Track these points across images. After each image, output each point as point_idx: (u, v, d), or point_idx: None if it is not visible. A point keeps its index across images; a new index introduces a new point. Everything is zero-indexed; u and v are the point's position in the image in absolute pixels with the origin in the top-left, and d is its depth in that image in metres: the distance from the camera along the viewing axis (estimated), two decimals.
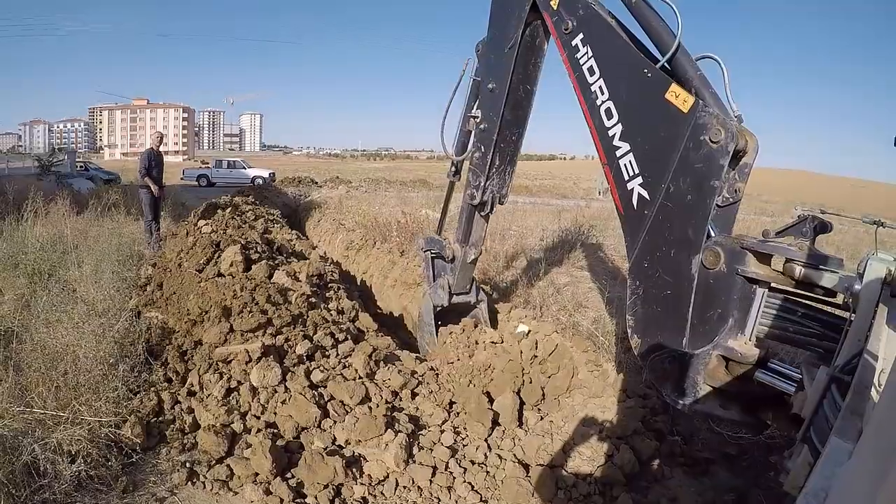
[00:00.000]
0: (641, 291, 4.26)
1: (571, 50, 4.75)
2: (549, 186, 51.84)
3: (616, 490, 4.61)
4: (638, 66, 4.28)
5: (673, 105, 3.98)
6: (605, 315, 7.69)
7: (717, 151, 3.78)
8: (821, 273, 3.57)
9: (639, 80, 4.26)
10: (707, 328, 3.95)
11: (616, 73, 4.45)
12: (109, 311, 6.62)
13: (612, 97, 4.44)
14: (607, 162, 4.46)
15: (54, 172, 32.08)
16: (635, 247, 4.27)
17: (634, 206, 4.26)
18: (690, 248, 3.94)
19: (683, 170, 3.94)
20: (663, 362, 4.10)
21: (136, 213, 14.22)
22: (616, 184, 4.40)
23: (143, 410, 5.17)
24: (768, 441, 5.15)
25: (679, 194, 3.98)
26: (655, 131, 4.15)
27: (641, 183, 4.22)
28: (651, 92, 4.15)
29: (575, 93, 4.73)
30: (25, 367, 5.10)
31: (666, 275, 4.09)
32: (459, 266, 7.29)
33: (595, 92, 4.54)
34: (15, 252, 9.24)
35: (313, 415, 5.20)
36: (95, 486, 4.28)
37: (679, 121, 3.95)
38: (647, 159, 4.20)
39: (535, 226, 14.81)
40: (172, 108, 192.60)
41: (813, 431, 2.61)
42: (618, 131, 4.39)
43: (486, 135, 6.26)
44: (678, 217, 4.00)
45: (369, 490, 4.63)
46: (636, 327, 4.31)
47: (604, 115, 4.48)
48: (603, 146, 4.49)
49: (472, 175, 6.56)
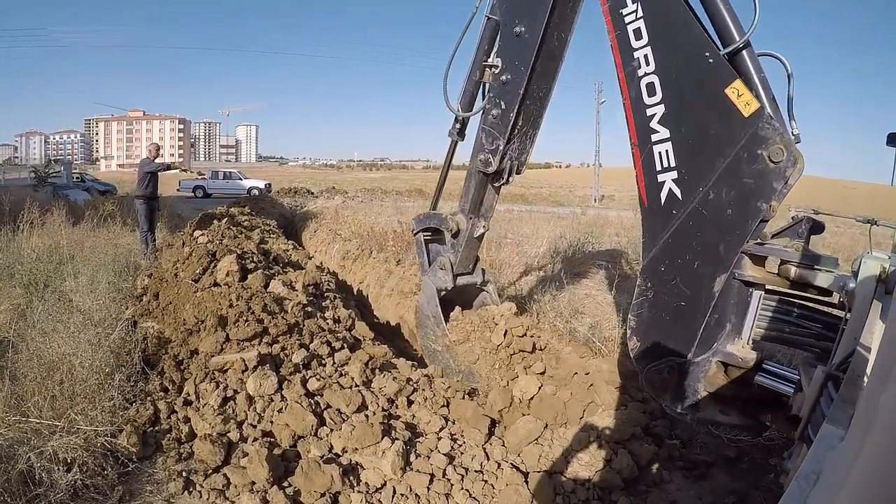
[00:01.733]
0: (651, 295, 4.06)
1: (617, 2, 4.10)
2: (544, 194, 51.98)
3: (615, 495, 4.60)
4: (699, 45, 3.75)
5: (733, 104, 3.60)
6: (602, 321, 7.69)
7: (774, 172, 3.50)
8: (816, 273, 3.59)
9: (697, 63, 3.75)
10: (706, 335, 3.91)
11: (670, 45, 3.87)
12: (105, 320, 6.60)
13: (658, 72, 3.89)
14: (638, 143, 4.03)
15: (50, 183, 32.20)
16: (654, 246, 4.02)
17: (662, 201, 3.94)
18: (718, 265, 3.74)
19: (730, 179, 3.64)
20: (661, 372, 4.03)
21: (132, 224, 14.20)
22: (644, 171, 4.02)
23: (140, 420, 5.15)
24: (767, 443, 5.15)
25: (719, 204, 3.69)
26: (705, 127, 3.75)
27: (676, 179, 3.86)
28: (709, 81, 3.71)
29: (612, 52, 4.13)
30: (21, 377, 5.08)
31: (684, 285, 3.88)
32: (465, 241, 6.39)
33: (638, 60, 3.98)
34: (11, 262, 9.23)
35: (310, 423, 5.19)
36: (91, 496, 4.25)
37: (736, 124, 3.60)
38: (688, 154, 3.81)
39: (532, 233, 14.79)
40: (168, 120, 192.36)
41: (811, 430, 2.61)
42: (658, 113, 3.90)
43: (510, 88, 5.35)
44: (712, 229, 3.75)
45: (366, 498, 4.60)
46: (638, 329, 4.17)
47: (644, 89, 3.97)
48: (636, 124, 4.03)
49: (487, 137, 5.62)
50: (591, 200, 48.58)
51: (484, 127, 5.62)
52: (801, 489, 1.39)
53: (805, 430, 2.69)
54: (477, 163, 5.75)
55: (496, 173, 5.76)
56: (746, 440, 5.20)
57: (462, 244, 6.40)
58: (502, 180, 5.98)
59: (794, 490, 1.42)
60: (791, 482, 1.51)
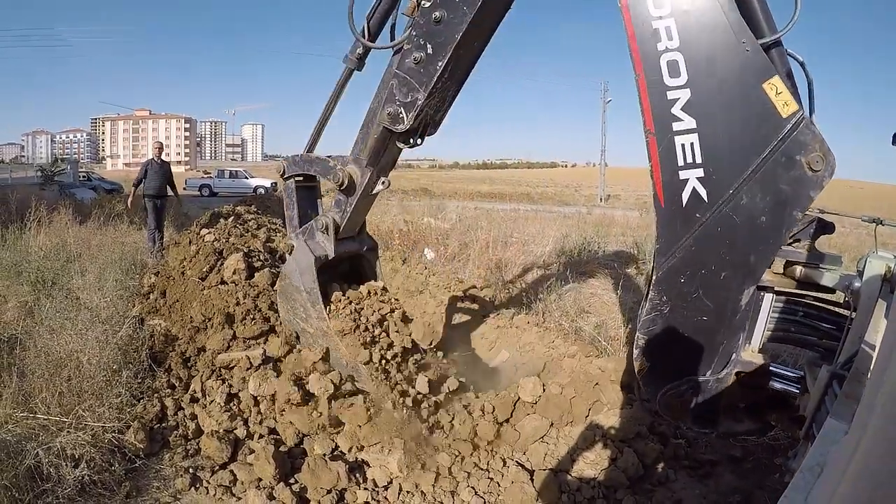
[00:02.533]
0: (667, 310, 3.62)
1: None
2: (550, 194, 52.02)
3: (620, 493, 4.58)
4: (736, 30, 3.31)
5: (770, 101, 3.25)
6: (607, 320, 7.70)
7: (812, 181, 3.25)
8: (821, 272, 3.55)
9: (732, 48, 3.32)
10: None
11: (700, 22, 3.34)
12: (113, 318, 6.63)
13: (683, 49, 3.36)
14: (655, 131, 3.47)
15: (57, 182, 32.26)
16: (672, 253, 3.55)
17: (683, 202, 3.47)
18: (748, 276, 3.47)
19: (765, 184, 3.31)
20: (682, 395, 3.75)
21: (139, 222, 14.26)
22: (662, 165, 3.49)
23: (147, 416, 5.17)
24: (772, 443, 5.16)
25: (752, 210, 3.35)
26: (738, 122, 3.36)
27: (701, 178, 3.40)
28: (745, 71, 3.31)
29: (623, 18, 3.47)
30: (29, 374, 5.11)
31: (707, 298, 3.53)
32: (359, 196, 5.33)
33: (659, 31, 3.39)
34: (18, 260, 9.26)
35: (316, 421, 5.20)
36: (99, 491, 4.28)
37: (773, 124, 3.27)
38: (717, 151, 3.39)
39: (538, 233, 14.80)
40: (174, 119, 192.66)
41: (815, 428, 2.61)
42: (682, 98, 3.38)
43: (444, 30, 4.30)
44: (744, 236, 3.41)
45: (372, 495, 4.63)
46: (648, 350, 3.72)
47: (665, 68, 3.40)
48: (653, 108, 3.46)
49: (402, 86, 4.57)
50: (596, 200, 48.59)
51: (398, 73, 4.58)
52: (805, 481, 1.41)
53: (810, 428, 2.70)
54: (384, 116, 4.71)
55: (408, 132, 4.84)
56: (751, 440, 5.20)
57: (354, 202, 5.37)
58: (411, 141, 5.04)
59: (798, 481, 1.44)
60: (796, 475, 1.52)
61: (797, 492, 1.40)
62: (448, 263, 11.59)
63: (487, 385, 6.31)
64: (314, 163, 5.40)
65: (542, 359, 6.91)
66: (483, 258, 11.37)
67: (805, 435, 2.90)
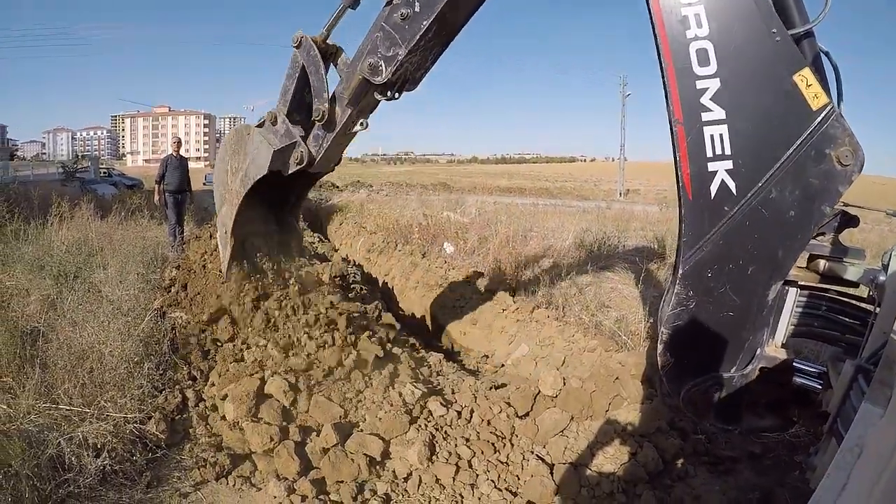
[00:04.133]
0: (693, 305, 3.55)
1: None
2: (569, 188, 51.94)
3: (640, 488, 4.56)
4: (767, 19, 3.26)
5: (801, 93, 3.21)
6: (628, 315, 7.65)
7: (841, 175, 3.21)
8: (845, 266, 3.50)
9: (762, 38, 3.27)
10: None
11: (732, 10, 3.29)
12: (134, 310, 6.68)
13: (713, 37, 3.30)
14: (683, 121, 3.38)
15: (78, 178, 32.59)
16: (699, 247, 3.47)
17: (712, 194, 3.39)
18: (775, 271, 3.41)
19: (795, 177, 3.27)
20: (707, 392, 3.67)
21: (160, 217, 14.35)
22: (690, 156, 3.41)
23: (168, 407, 5.20)
24: (793, 440, 5.10)
25: (782, 205, 3.30)
26: (768, 114, 3.31)
27: (730, 170, 3.34)
28: (776, 62, 3.26)
29: (649, 4, 3.41)
30: (52, 365, 5.15)
31: (734, 293, 3.47)
32: (336, 133, 5.32)
33: (687, 18, 3.32)
34: (41, 255, 9.34)
35: (336, 414, 5.21)
36: (120, 481, 4.31)
37: (803, 116, 3.22)
38: (747, 142, 3.33)
39: (557, 227, 14.75)
40: (193, 115, 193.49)
41: (840, 423, 2.58)
42: (712, 87, 3.31)
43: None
44: (773, 231, 3.35)
45: (392, 487, 4.64)
46: (672, 345, 3.65)
47: (694, 56, 3.33)
48: (682, 97, 3.38)
49: (385, 39, 4.60)
50: (615, 195, 48.38)
51: (384, 26, 4.57)
52: (846, 460, 1.48)
53: (834, 423, 2.67)
54: (364, 66, 4.70)
55: (385, 85, 4.83)
56: (772, 437, 5.15)
57: (331, 138, 5.34)
58: (388, 94, 5.01)
59: (839, 461, 1.51)
60: (838, 454, 1.58)
61: (840, 470, 1.47)
62: (467, 257, 11.58)
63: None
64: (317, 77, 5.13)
65: (561, 353, 6.89)
66: (503, 252, 11.35)
67: (829, 430, 2.86)
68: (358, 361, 5.88)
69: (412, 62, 4.70)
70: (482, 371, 7.51)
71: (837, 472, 1.47)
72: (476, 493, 4.66)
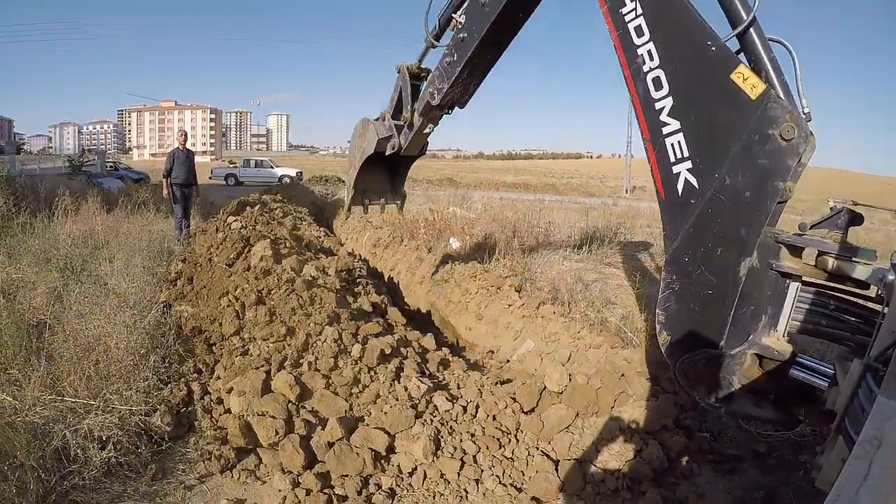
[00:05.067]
0: (678, 287, 3.94)
1: (615, 2, 4.14)
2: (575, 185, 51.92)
3: (644, 486, 4.55)
4: (700, 35, 3.75)
5: (739, 88, 3.59)
6: (634, 312, 7.64)
7: (787, 150, 3.49)
8: (854, 265, 3.49)
9: (700, 52, 3.76)
10: (741, 326, 3.81)
11: (672, 39, 3.87)
12: (140, 303, 6.70)
13: (663, 65, 3.89)
14: (650, 138, 3.98)
15: (85, 172, 32.60)
16: (675, 238, 3.92)
17: (679, 192, 3.87)
18: (742, 248, 3.68)
19: (744, 162, 3.62)
20: (696, 364, 3.91)
21: (166, 210, 14.38)
22: (659, 164, 3.96)
23: (174, 400, 5.20)
24: (798, 439, 5.08)
25: (736, 189, 3.66)
26: (714, 114, 3.73)
27: (691, 168, 3.81)
28: (713, 69, 3.71)
29: (616, 52, 4.15)
30: (57, 357, 5.16)
31: (709, 273, 3.80)
32: (414, 132, 7.31)
33: (642, 56, 3.98)
34: (47, 247, 9.38)
35: (342, 408, 5.21)
36: (125, 473, 4.32)
37: (745, 107, 3.59)
38: (701, 143, 3.78)
39: (563, 223, 14.75)
40: (200, 110, 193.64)
41: (848, 422, 2.56)
42: (667, 105, 3.87)
43: (463, 45, 5.92)
44: (732, 213, 3.69)
45: (397, 481, 4.64)
46: (667, 324, 4.02)
47: (651, 84, 3.94)
48: (646, 119, 4.00)
49: (438, 76, 6.40)
50: (622, 191, 48.32)
51: (439, 66, 6.40)
52: (865, 451, 1.57)
53: (842, 422, 2.65)
54: (426, 92, 6.73)
55: (439, 106, 6.70)
56: (777, 435, 5.13)
57: (411, 135, 7.34)
58: (444, 111, 7.00)
59: (859, 451, 1.60)
60: (856, 447, 1.65)
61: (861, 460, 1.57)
62: (474, 253, 11.57)
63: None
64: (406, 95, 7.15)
65: (567, 349, 6.88)
66: (508, 248, 11.33)
67: (836, 428, 2.84)
68: (364, 355, 5.88)
69: (456, 91, 6.49)
70: (487, 366, 7.50)
71: (858, 462, 1.57)
72: (481, 489, 4.65)
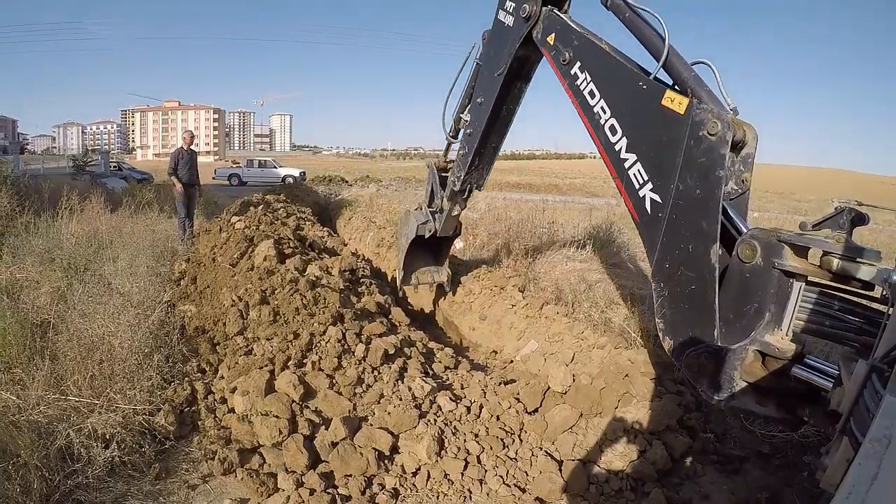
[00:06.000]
0: (667, 293, 4.26)
1: (571, 78, 5.01)
2: (578, 185, 51.83)
3: (648, 486, 4.56)
4: (633, 80, 4.50)
5: (670, 109, 4.17)
6: (637, 312, 7.62)
7: (717, 142, 3.91)
8: (858, 266, 3.50)
9: (636, 93, 4.46)
10: (744, 323, 3.88)
11: (615, 91, 4.66)
12: (144, 303, 6.71)
13: (614, 114, 4.63)
14: (617, 175, 4.62)
15: (88, 172, 32.66)
16: (655, 250, 4.33)
17: (648, 210, 4.36)
18: (707, 239, 3.97)
19: (689, 167, 4.06)
20: (699, 357, 4.00)
21: (170, 210, 14.40)
22: (628, 194, 4.53)
23: (177, 399, 5.22)
24: (802, 440, 5.07)
25: (689, 191, 4.07)
26: (658, 137, 4.29)
27: (652, 188, 4.34)
28: (648, 101, 4.34)
29: (579, 116, 4.95)
30: (61, 357, 5.17)
31: (688, 270, 4.10)
32: (445, 217, 8.18)
33: (598, 113, 4.74)
34: (51, 247, 9.39)
35: (346, 408, 5.21)
36: (128, 472, 4.33)
37: (678, 122, 4.11)
38: (655, 165, 4.33)
39: (567, 223, 14.69)
40: (203, 110, 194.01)
41: (853, 422, 2.56)
42: (623, 144, 4.54)
43: (471, 139, 7.02)
44: (691, 212, 4.08)
45: (400, 481, 4.64)
46: (667, 329, 4.28)
47: (608, 133, 4.65)
48: (611, 161, 4.66)
49: (456, 167, 7.50)
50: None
51: (456, 158, 7.55)
52: (875, 450, 1.60)
53: (847, 422, 2.64)
54: (449, 181, 7.80)
55: (460, 192, 7.76)
56: (780, 436, 5.13)
57: (443, 219, 8.22)
58: (465, 196, 7.97)
59: (868, 451, 1.62)
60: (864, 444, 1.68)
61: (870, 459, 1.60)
62: (477, 253, 11.56)
63: None
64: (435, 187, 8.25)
65: (571, 349, 6.87)
66: (512, 248, 11.32)
67: (841, 429, 2.83)
68: (367, 355, 5.88)
69: (472, 178, 7.50)
70: (491, 367, 7.50)
71: (867, 462, 1.60)
72: (484, 489, 4.66)
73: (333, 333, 6.06)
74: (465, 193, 7.90)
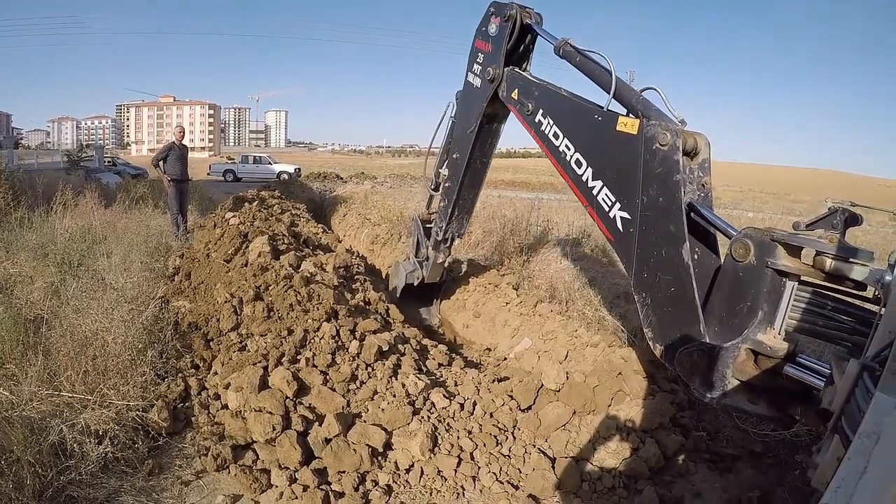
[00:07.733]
0: (650, 301, 4.38)
1: (536, 125, 5.50)
2: None
3: (640, 484, 4.59)
4: (590, 115, 4.90)
5: (624, 132, 4.52)
6: (631, 311, 7.63)
7: (670, 150, 4.20)
8: (851, 266, 3.50)
9: (594, 124, 4.85)
10: (736, 321, 3.89)
11: (575, 128, 5.09)
12: (138, 299, 6.70)
13: (577, 149, 5.03)
14: (588, 203, 4.89)
15: (83, 167, 32.58)
16: (632, 264, 4.51)
17: (620, 229, 4.59)
18: (677, 240, 4.14)
19: (649, 179, 4.34)
20: (692, 355, 4.01)
21: (164, 206, 14.37)
22: (600, 218, 4.79)
23: (171, 395, 5.22)
24: (794, 439, 5.09)
25: (652, 201, 4.33)
26: (618, 160, 4.59)
27: (620, 207, 4.59)
28: (605, 129, 4.70)
29: (547, 155, 5.38)
30: (54, 352, 5.15)
31: (665, 274, 4.23)
32: (431, 264, 8.68)
33: (563, 151, 5.14)
34: (44, 242, 9.37)
35: (339, 404, 5.21)
36: (122, 468, 4.33)
37: (633, 142, 4.43)
38: (619, 186, 4.62)
39: (561, 221, 14.70)
40: (198, 105, 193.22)
41: (844, 421, 2.57)
42: (589, 174, 4.88)
43: (449, 191, 7.71)
44: (658, 219, 4.30)
45: (394, 478, 4.65)
46: (655, 336, 4.37)
47: (574, 167, 5.01)
48: (581, 191, 4.96)
49: (438, 218, 8.12)
50: None
51: (438, 210, 8.17)
52: (864, 445, 1.64)
53: (838, 421, 2.65)
54: (433, 231, 8.29)
55: (443, 240, 8.23)
56: (773, 435, 5.15)
57: (429, 267, 8.74)
58: (448, 244, 8.40)
59: (857, 447, 1.67)
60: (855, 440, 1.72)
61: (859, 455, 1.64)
62: (471, 251, 11.57)
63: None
64: (421, 238, 8.81)
65: (564, 347, 6.89)
66: (506, 246, 11.33)
67: (832, 427, 2.84)
68: (361, 352, 5.88)
69: (453, 227, 8.05)
70: (485, 364, 7.49)
71: (856, 457, 1.65)
72: (478, 486, 4.66)
73: (327, 330, 6.06)
74: (448, 242, 8.36)
